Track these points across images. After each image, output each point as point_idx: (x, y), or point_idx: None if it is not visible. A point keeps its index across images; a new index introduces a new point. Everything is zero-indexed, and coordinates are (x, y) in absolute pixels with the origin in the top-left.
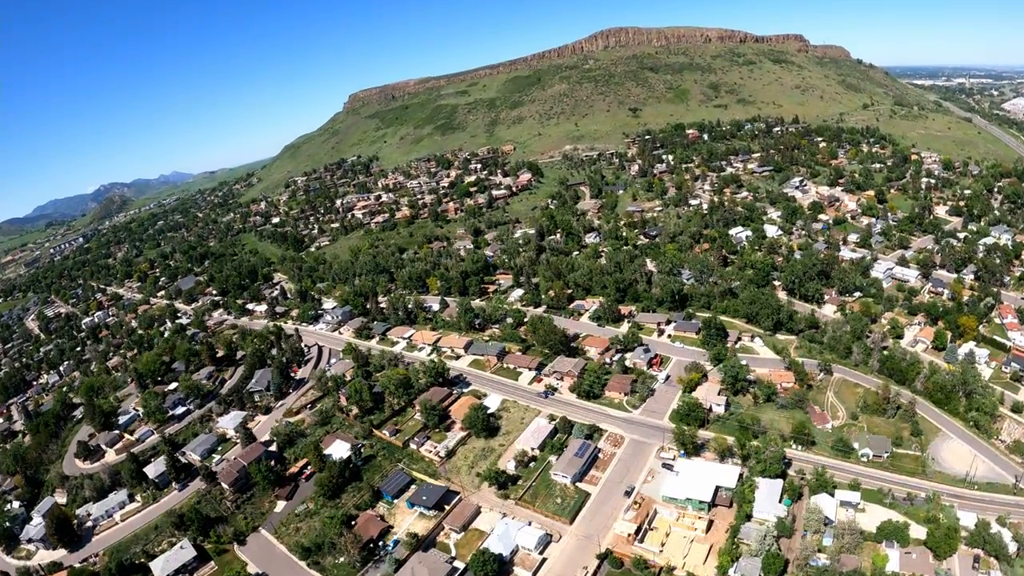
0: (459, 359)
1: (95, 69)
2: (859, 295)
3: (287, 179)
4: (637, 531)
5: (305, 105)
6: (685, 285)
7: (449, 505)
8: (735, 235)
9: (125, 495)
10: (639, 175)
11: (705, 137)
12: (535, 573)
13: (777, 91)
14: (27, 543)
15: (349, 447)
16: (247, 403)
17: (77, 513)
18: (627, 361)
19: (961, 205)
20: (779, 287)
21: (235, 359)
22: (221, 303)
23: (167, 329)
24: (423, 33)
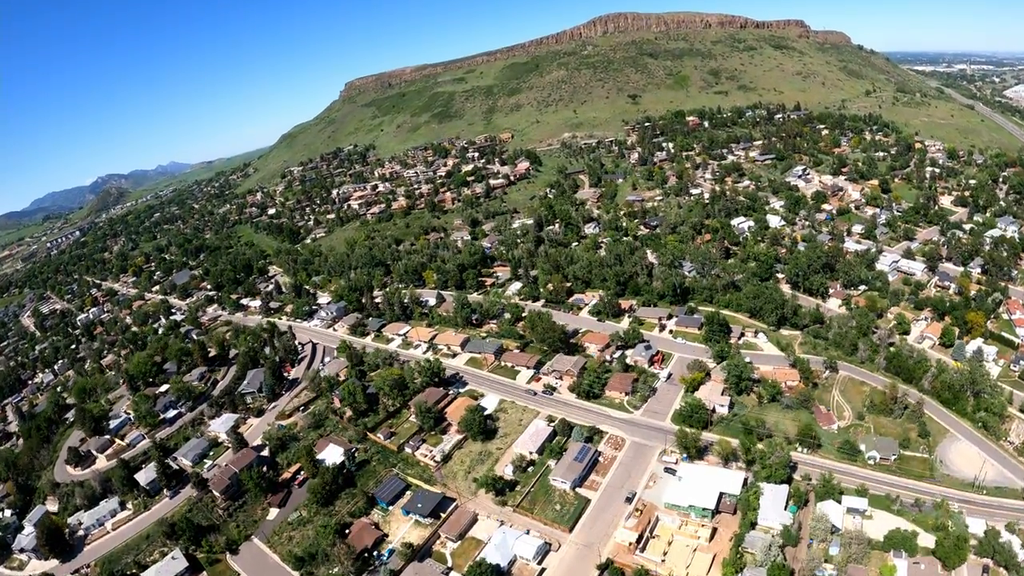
0: (455, 357)
1: (93, 60)
2: (864, 289)
3: (283, 169)
4: (638, 539)
5: (302, 93)
6: (687, 278)
7: (445, 513)
8: (737, 225)
9: (116, 503)
10: (639, 163)
11: (706, 124)
12: None
13: (778, 77)
14: (19, 553)
15: (343, 452)
16: (239, 405)
17: (69, 522)
18: (628, 358)
19: (966, 195)
20: (783, 280)
21: (228, 358)
22: (216, 298)
23: (161, 326)
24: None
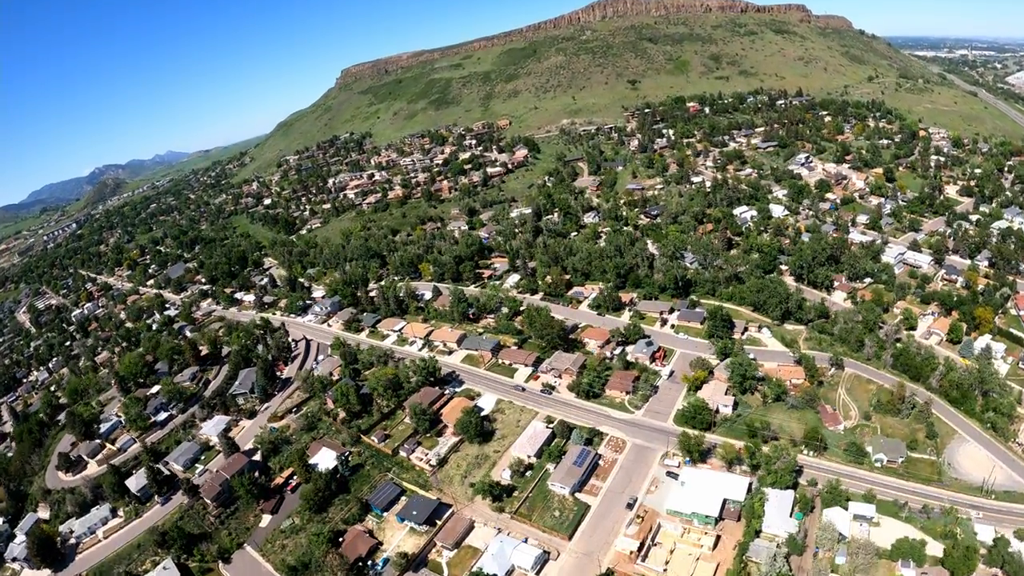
0: (451, 354)
1: (89, 49)
2: (870, 281)
3: (279, 158)
4: (640, 547)
5: (299, 81)
6: (688, 270)
7: (441, 520)
8: (740, 215)
9: (108, 510)
10: (639, 150)
11: (706, 110)
12: None
13: (780, 63)
14: (12, 562)
15: (336, 456)
16: (231, 407)
17: (60, 530)
18: (629, 355)
19: (972, 185)
20: (786, 272)
21: (220, 356)
22: (210, 292)
23: (155, 321)
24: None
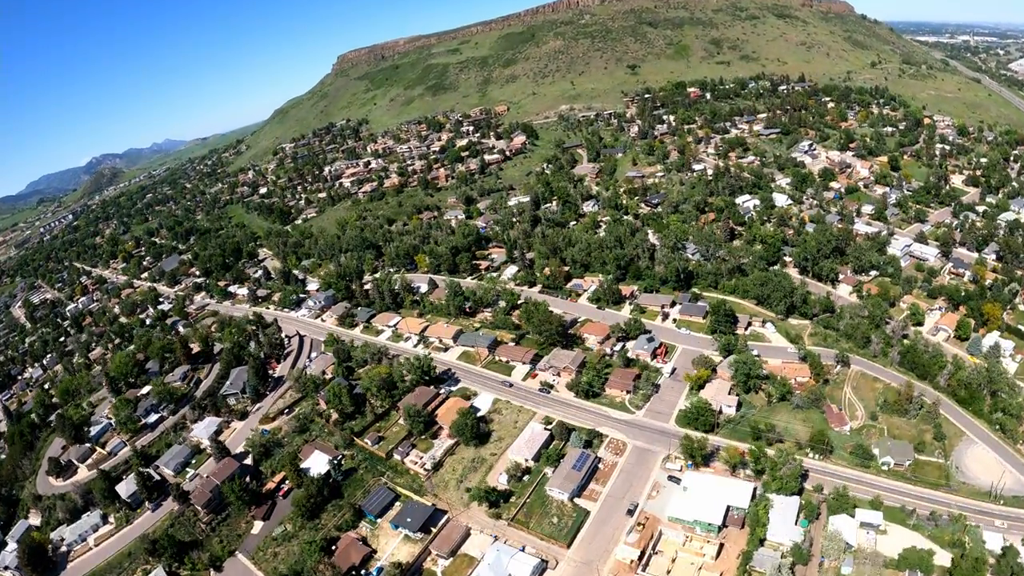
0: (447, 351)
1: (85, 37)
2: (876, 274)
3: (275, 146)
4: (640, 556)
5: (296, 66)
6: (690, 262)
7: (436, 527)
8: (742, 204)
9: (99, 517)
10: (639, 137)
11: (707, 96)
12: None
13: (782, 48)
14: (3, 570)
15: (328, 460)
16: (222, 408)
17: (51, 537)
18: (629, 351)
19: (978, 175)
20: (790, 264)
21: (212, 353)
22: (204, 285)
23: (149, 316)
24: None
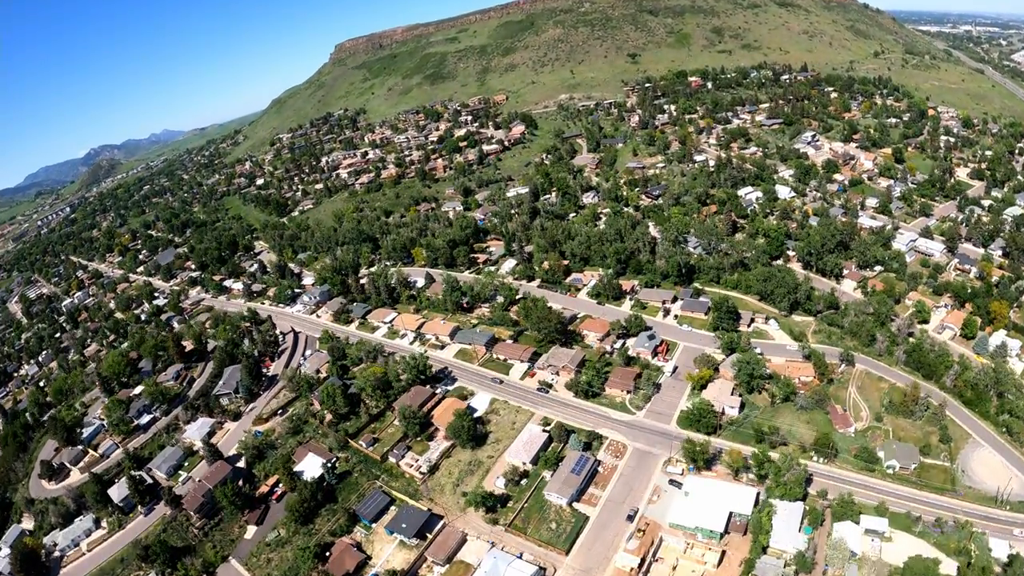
0: (444, 348)
1: (83, 26)
2: (880, 270)
3: (273, 136)
4: (640, 564)
5: (295, 55)
6: (692, 256)
7: (432, 533)
8: (744, 196)
9: (91, 521)
10: (639, 127)
11: (709, 85)
12: None
13: (784, 36)
14: None
15: (322, 463)
16: (214, 409)
17: (44, 542)
18: (630, 349)
19: (983, 168)
20: (794, 258)
21: (206, 351)
22: (199, 279)
23: (144, 312)
24: None
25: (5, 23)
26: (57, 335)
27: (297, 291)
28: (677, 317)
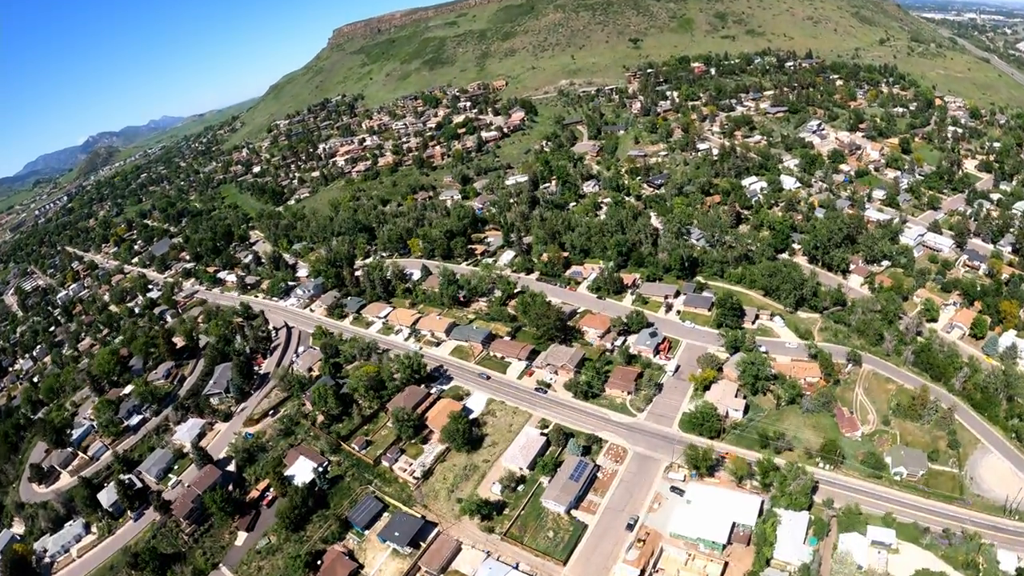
0: (439, 345)
1: (81, 12)
2: (888, 265)
3: (270, 123)
4: (640, 575)
5: (294, 39)
6: (695, 249)
7: (426, 541)
8: (749, 186)
9: (81, 526)
10: (641, 113)
11: (712, 72)
12: None
13: (788, 22)
14: None
15: (314, 467)
16: (205, 410)
17: (34, 548)
18: (631, 347)
19: (991, 160)
20: (799, 251)
21: (197, 347)
22: (193, 270)
23: (137, 305)
24: None
25: (4, 9)
26: (52, 329)
27: (291, 284)
28: (680, 313)
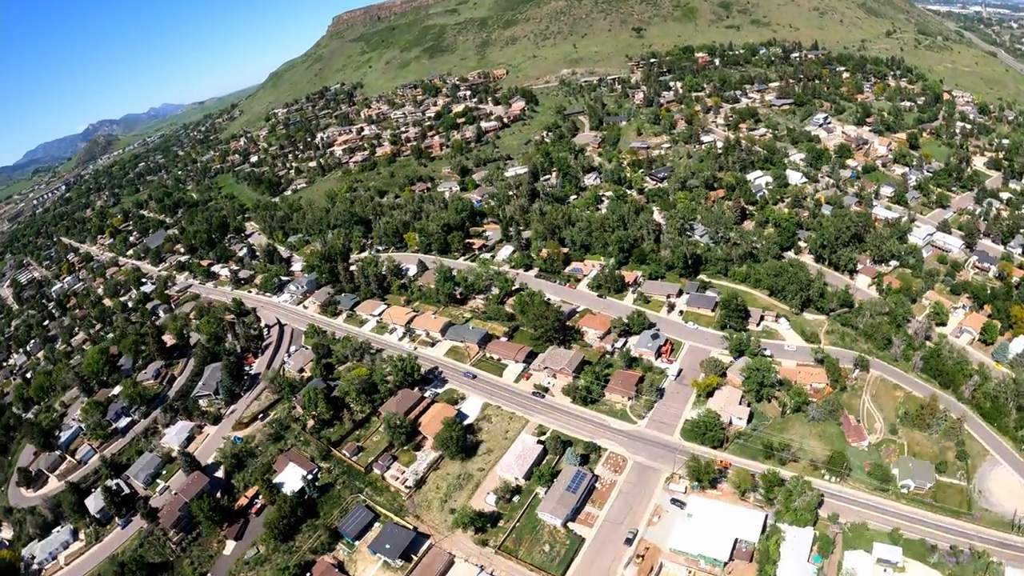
0: (434, 346)
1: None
2: (896, 265)
3: (268, 111)
4: None
5: (295, 26)
6: (699, 246)
7: (417, 554)
8: (754, 181)
9: (69, 533)
10: (644, 104)
11: (716, 62)
12: None
13: (793, 12)
14: None
15: (303, 475)
16: (194, 412)
17: (22, 554)
18: (632, 349)
19: (1000, 157)
20: (805, 249)
21: (188, 345)
22: (187, 263)
23: (131, 299)
24: None
25: None
26: (46, 323)
27: (285, 279)
28: (682, 313)
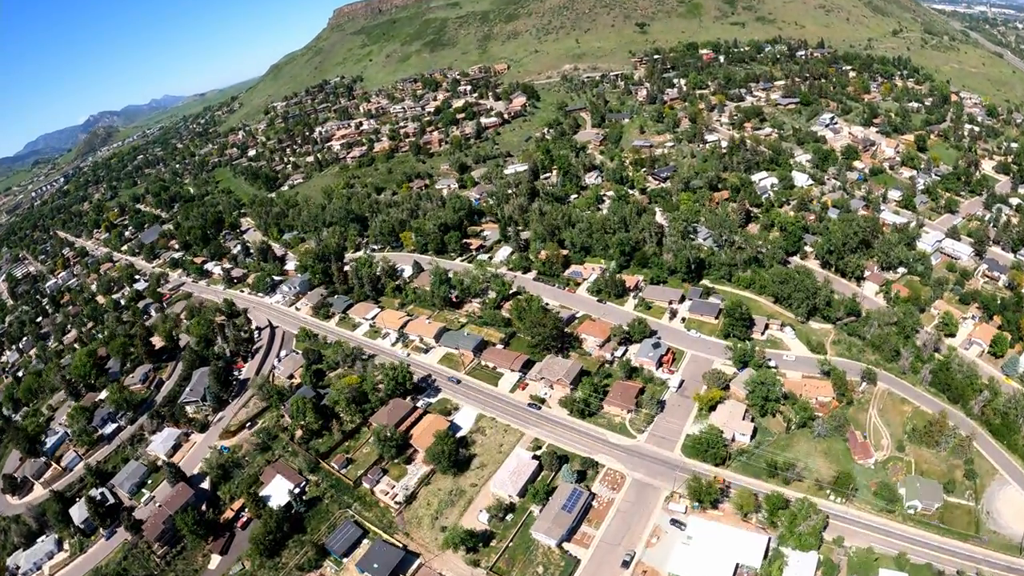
0: (428, 352)
1: None
2: (904, 272)
3: (268, 104)
4: None
5: (297, 18)
6: (702, 250)
7: (406, 574)
8: (759, 182)
9: (53, 543)
10: (647, 101)
11: (721, 59)
12: None
13: (799, 10)
14: None
15: (290, 488)
16: (180, 419)
17: (7, 564)
18: (632, 359)
19: (1009, 161)
20: (811, 255)
21: (177, 347)
22: (181, 260)
23: (123, 296)
24: None
25: None
26: (39, 319)
27: (278, 279)
28: (685, 320)
